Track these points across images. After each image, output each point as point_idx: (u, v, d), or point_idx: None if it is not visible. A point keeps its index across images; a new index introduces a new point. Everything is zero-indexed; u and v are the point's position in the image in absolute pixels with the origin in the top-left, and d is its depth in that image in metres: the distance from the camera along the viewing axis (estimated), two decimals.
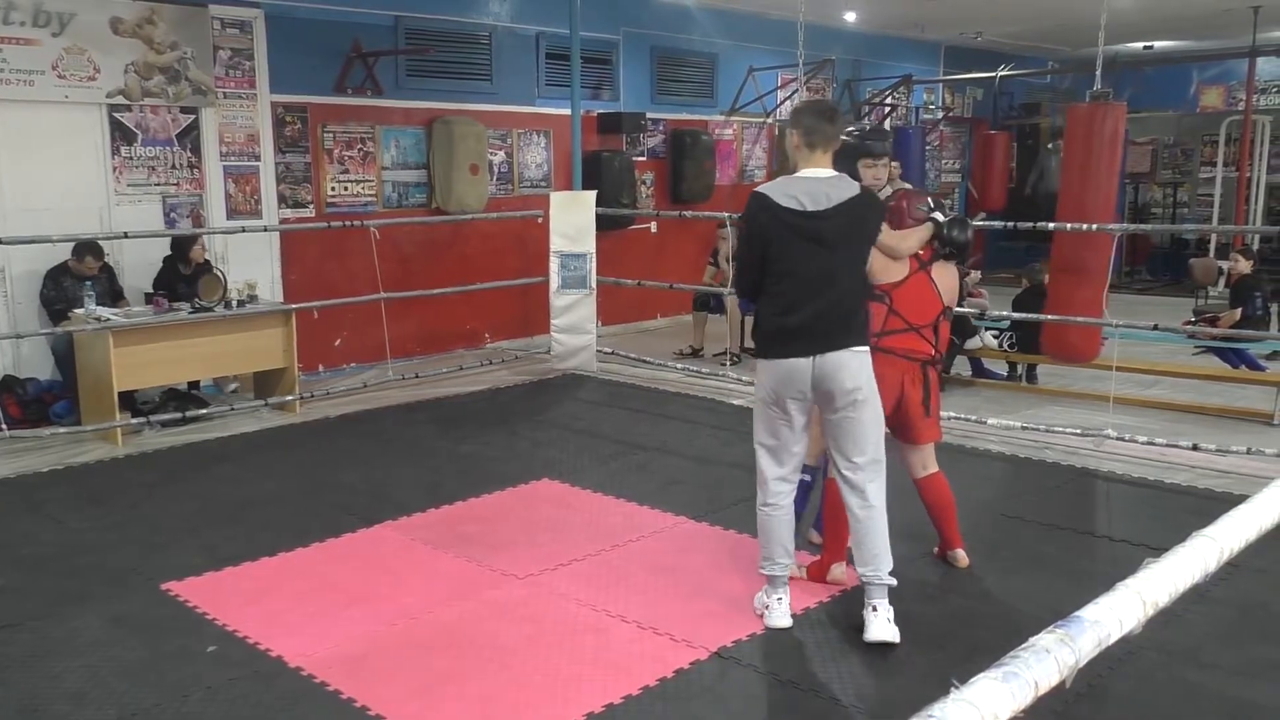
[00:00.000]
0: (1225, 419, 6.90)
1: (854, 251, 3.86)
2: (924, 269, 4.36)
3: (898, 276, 4.30)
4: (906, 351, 4.27)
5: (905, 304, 4.29)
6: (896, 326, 4.26)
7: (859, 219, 3.83)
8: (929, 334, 4.32)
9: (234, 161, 8.02)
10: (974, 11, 11.79)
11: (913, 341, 4.28)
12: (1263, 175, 13.37)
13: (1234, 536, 1.27)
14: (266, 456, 6.38)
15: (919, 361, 4.30)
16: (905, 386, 4.25)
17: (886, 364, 4.14)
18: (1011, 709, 0.89)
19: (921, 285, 4.33)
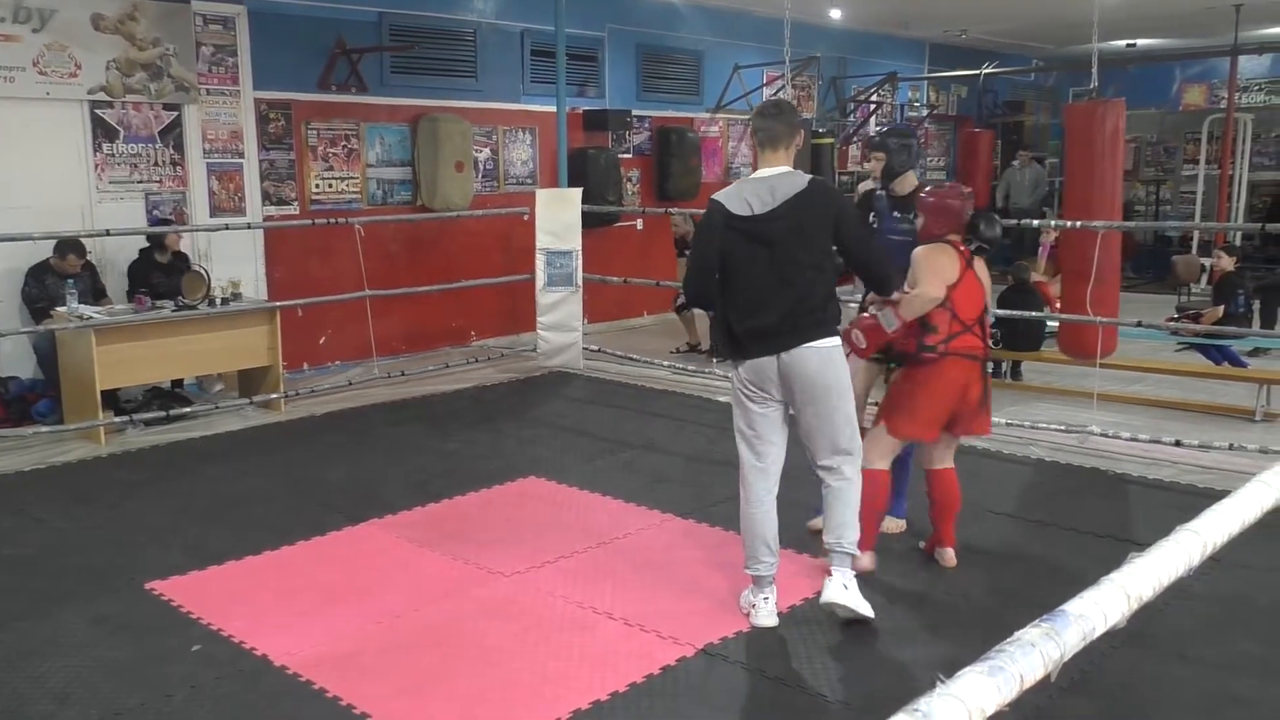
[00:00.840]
0: (1208, 415, 6.95)
1: (808, 245, 3.80)
2: (969, 266, 4.34)
3: (953, 276, 4.26)
4: (969, 351, 4.27)
5: (962, 303, 4.26)
6: (958, 329, 4.24)
7: (807, 211, 3.79)
8: (978, 330, 4.33)
9: (217, 159, 7.98)
10: (959, 9, 11.82)
11: (971, 340, 4.28)
12: (1244, 173, 13.46)
13: (1216, 531, 1.28)
14: (251, 455, 6.35)
15: (979, 360, 4.31)
16: (968, 388, 4.27)
17: (954, 367, 4.22)
18: (997, 702, 0.89)
19: (970, 282, 4.32)
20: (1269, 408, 6.91)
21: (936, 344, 4.21)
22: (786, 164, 3.90)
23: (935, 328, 4.22)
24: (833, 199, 3.94)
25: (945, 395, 4.25)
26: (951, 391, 4.25)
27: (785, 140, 3.89)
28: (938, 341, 4.21)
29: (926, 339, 4.23)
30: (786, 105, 4.10)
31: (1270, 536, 3.98)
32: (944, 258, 4.28)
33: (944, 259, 4.28)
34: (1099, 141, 6.83)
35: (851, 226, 3.92)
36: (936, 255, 4.29)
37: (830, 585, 3.88)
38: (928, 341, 4.23)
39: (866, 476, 4.08)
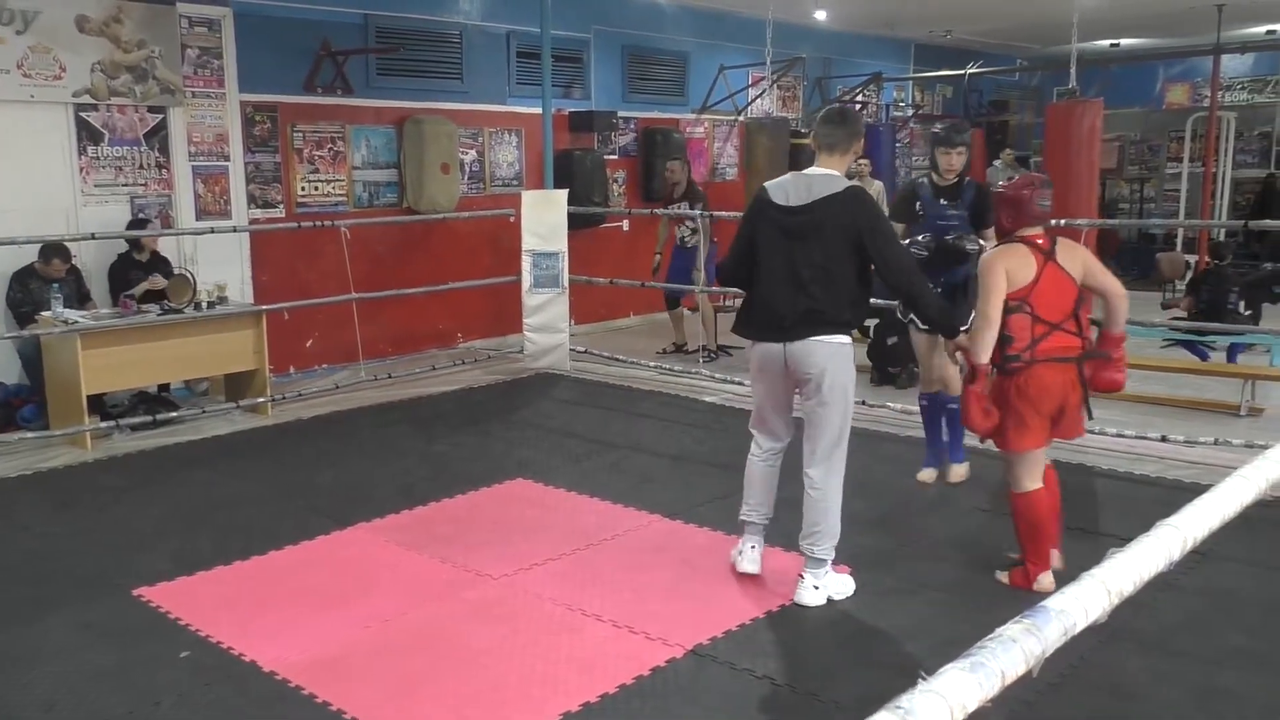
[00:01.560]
0: (1194, 410, 6.99)
1: (825, 245, 3.96)
2: (1050, 259, 4.05)
3: (1029, 277, 4.00)
4: (1061, 353, 4.00)
5: (1044, 303, 4.00)
6: (1042, 332, 3.98)
7: (832, 214, 3.96)
8: (1072, 326, 4.04)
9: (203, 161, 7.95)
10: (943, 10, 11.87)
11: (1064, 340, 4.01)
12: (1228, 170, 13.54)
13: (1197, 525, 1.30)
14: (238, 459, 6.33)
15: (1075, 360, 4.02)
16: (1069, 394, 4.02)
17: (1047, 372, 3.97)
18: (979, 698, 0.90)
19: (1054, 277, 4.03)
20: (1254, 402, 6.95)
21: (1020, 352, 3.97)
22: (837, 169, 4.11)
23: (1012, 337, 3.99)
24: (861, 209, 4.00)
25: (1045, 401, 4.00)
26: (1051, 396, 4.00)
27: (842, 147, 4.11)
28: (1020, 350, 3.97)
29: (1008, 350, 3.99)
30: (851, 114, 4.32)
31: (1255, 530, 4.02)
32: (1011, 261, 4.02)
33: (1011, 263, 4.01)
34: (1076, 140, 6.88)
35: (879, 241, 3.98)
36: (1000, 262, 4.03)
37: (801, 587, 4.12)
38: (1009, 352, 3.99)
39: (1018, 500, 4.12)
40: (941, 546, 4.74)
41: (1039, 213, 4.10)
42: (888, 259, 4.00)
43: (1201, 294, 8.73)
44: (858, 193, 4.07)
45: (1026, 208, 4.09)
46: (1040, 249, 4.05)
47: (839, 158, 4.13)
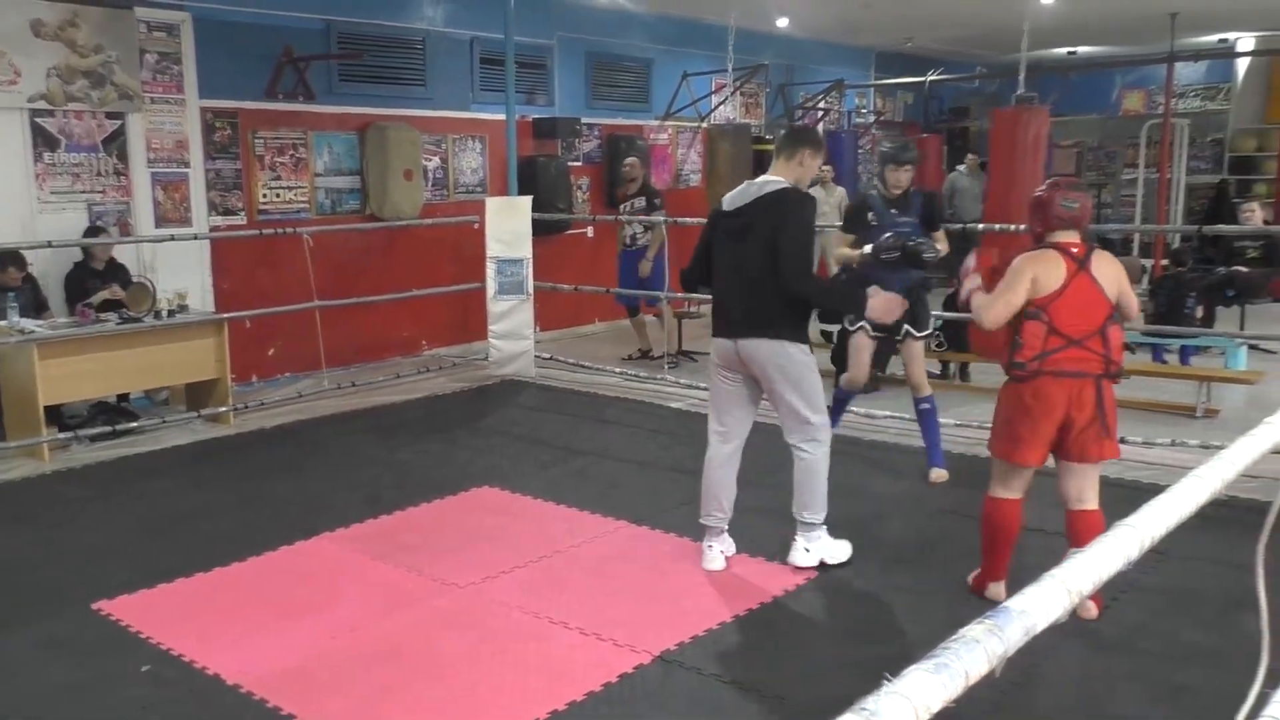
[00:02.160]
0: (1152, 412, 7.09)
1: (759, 246, 4.21)
2: (1082, 269, 3.82)
3: (1054, 285, 3.80)
4: (1074, 369, 3.78)
5: (1066, 316, 3.78)
6: (1056, 345, 3.77)
7: (763, 215, 4.23)
8: (1096, 344, 3.78)
9: (162, 168, 7.87)
10: (904, 18, 11.99)
11: (1080, 355, 3.77)
12: (1182, 176, 13.76)
13: (1154, 525, 1.32)
14: (200, 469, 6.26)
15: (1091, 377, 3.79)
16: (1071, 410, 3.79)
17: (1051, 387, 3.78)
18: (943, 699, 0.91)
19: (1083, 289, 3.80)
20: (1209, 404, 7.07)
21: (1026, 361, 3.80)
22: (783, 174, 4.37)
23: (1022, 343, 3.82)
24: (783, 208, 4.22)
25: (1041, 417, 3.81)
26: (1048, 413, 3.80)
27: (786, 152, 4.41)
28: (1028, 359, 3.80)
29: (1015, 355, 3.84)
30: (808, 130, 4.80)
31: (1214, 529, 4.08)
32: (1039, 267, 3.84)
33: (1040, 268, 3.83)
34: (1022, 146, 6.96)
35: (782, 239, 4.16)
36: (1029, 266, 3.87)
37: (793, 549, 4.47)
38: (1016, 359, 3.83)
39: (985, 503, 4.06)
40: (907, 549, 4.78)
41: (1064, 214, 3.88)
42: (793, 251, 4.17)
43: (1159, 298, 8.86)
44: (784, 194, 4.26)
45: (1050, 210, 3.90)
46: (1074, 257, 3.84)
47: (783, 163, 4.40)
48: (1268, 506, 1.87)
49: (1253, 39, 13.60)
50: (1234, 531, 3.69)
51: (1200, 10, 11.21)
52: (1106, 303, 3.81)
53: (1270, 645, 1.86)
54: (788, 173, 4.39)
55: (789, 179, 4.36)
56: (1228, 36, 13.78)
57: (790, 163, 4.40)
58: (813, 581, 4.38)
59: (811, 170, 4.48)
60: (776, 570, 4.51)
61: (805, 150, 4.41)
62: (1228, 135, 14.42)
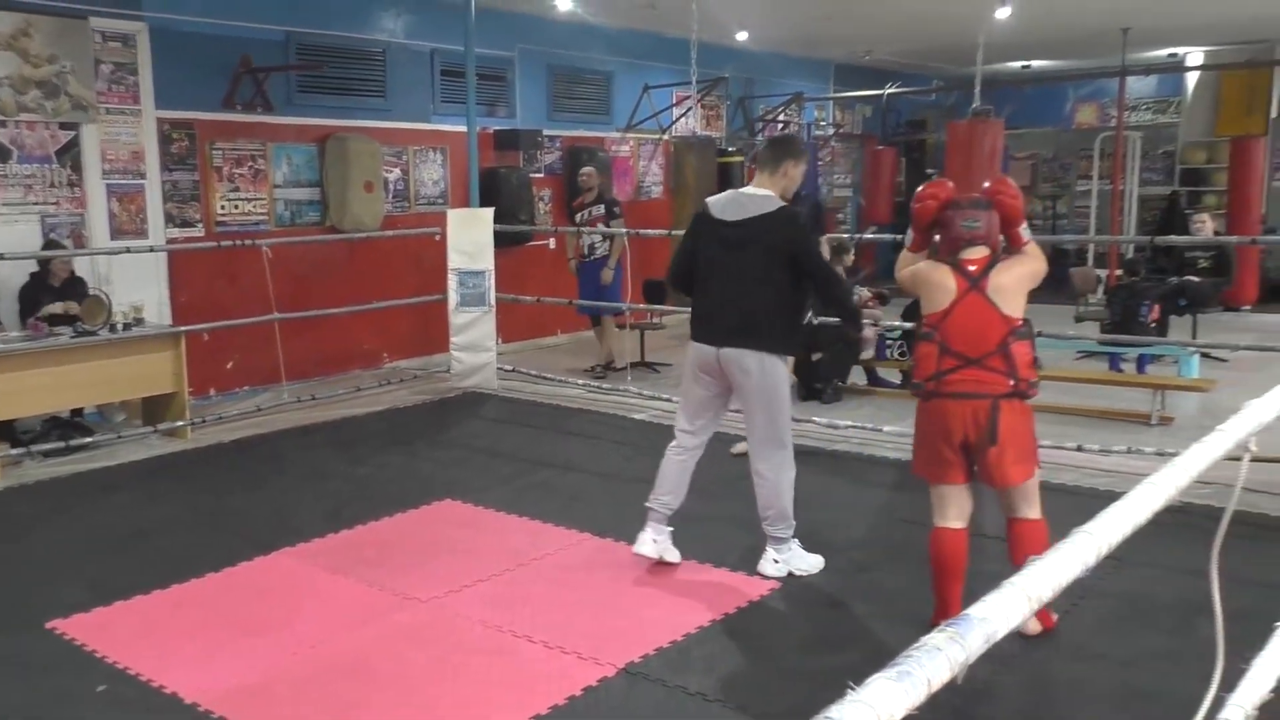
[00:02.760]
0: (1107, 420, 7.19)
1: (757, 260, 4.31)
2: (974, 287, 3.70)
3: (944, 303, 3.72)
4: (968, 390, 3.64)
5: (958, 335, 3.67)
6: (950, 365, 3.66)
7: (765, 231, 4.33)
8: (997, 362, 3.63)
9: (118, 180, 7.76)
10: (862, 31, 12.11)
11: (976, 376, 3.63)
12: (1135, 188, 14.00)
13: (1111, 532, 1.34)
14: (156, 485, 6.17)
15: (989, 398, 3.63)
16: (969, 432, 3.65)
17: (946, 408, 3.67)
18: (906, 706, 0.92)
19: (974, 307, 3.69)
20: (1163, 411, 7.18)
21: (922, 382, 3.73)
22: (769, 188, 4.44)
23: (916, 364, 3.80)
24: (791, 229, 4.36)
25: (940, 438, 3.72)
26: (947, 435, 3.69)
27: (770, 166, 4.47)
28: (923, 379, 3.73)
29: (914, 375, 3.82)
30: (786, 139, 4.88)
31: (1169, 535, 4.13)
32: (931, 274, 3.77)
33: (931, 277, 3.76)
34: (978, 158, 7.05)
35: (814, 260, 4.40)
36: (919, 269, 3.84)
37: (763, 559, 4.53)
38: (914, 379, 3.81)
39: (930, 536, 3.86)
40: (869, 559, 4.81)
41: (965, 234, 3.74)
42: (825, 275, 4.48)
43: (1114, 307, 9.00)
44: (791, 214, 4.41)
45: (951, 231, 3.77)
46: (967, 274, 3.71)
47: (768, 176, 4.47)
48: (1221, 513, 1.90)
49: (1201, 53, 13.87)
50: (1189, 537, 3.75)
51: (1150, 25, 11.43)
52: (1003, 320, 3.65)
53: (1225, 649, 1.89)
54: (774, 185, 4.46)
55: (775, 191, 4.44)
56: (1177, 51, 14.05)
57: (775, 175, 4.47)
58: (776, 591, 4.40)
59: (796, 180, 4.52)
60: (740, 580, 4.52)
61: (788, 161, 4.48)
62: (1178, 148, 14.69)
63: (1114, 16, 10.89)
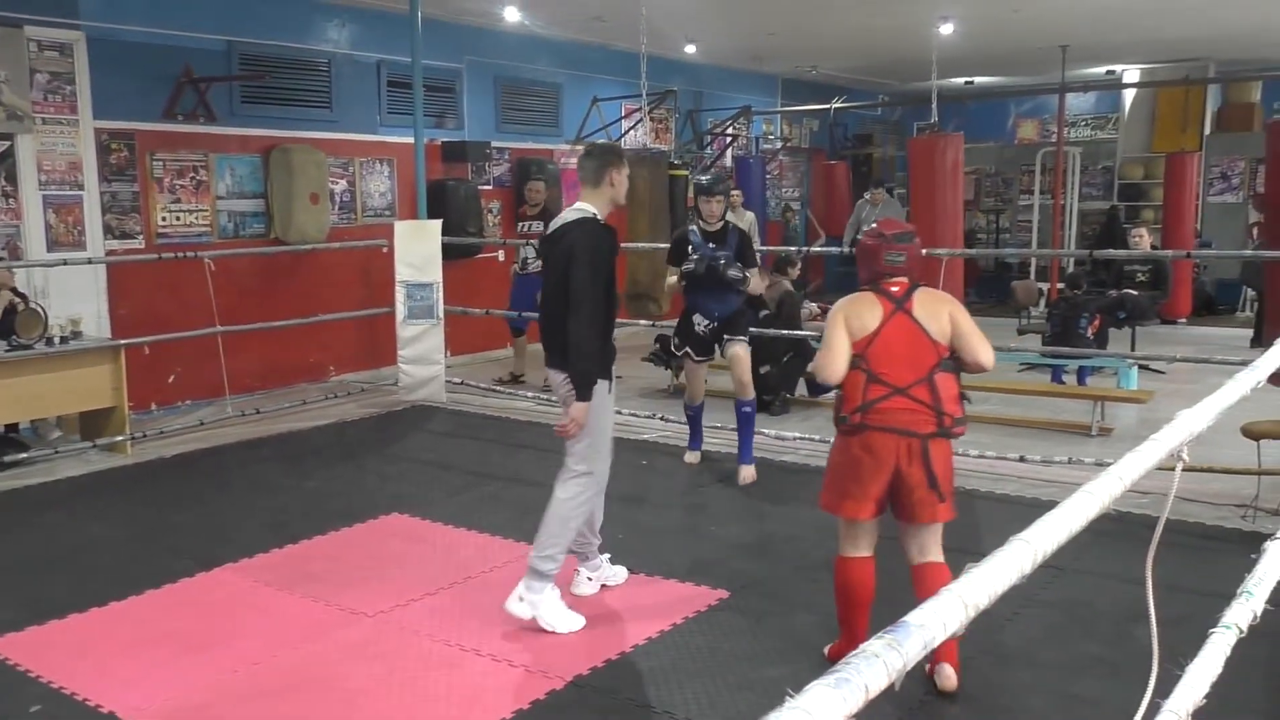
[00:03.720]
0: (1049, 431, 7.32)
1: (553, 275, 4.14)
2: (900, 308, 3.53)
3: (869, 327, 3.51)
4: (901, 426, 3.43)
5: (884, 361, 3.46)
6: (879, 394, 3.45)
7: (557, 244, 4.14)
8: (923, 393, 3.43)
9: (54, 190, 7.61)
10: (807, 46, 12.25)
11: (903, 406, 3.43)
12: (1075, 202, 14.29)
13: (1046, 540, 1.36)
14: (95, 501, 6.05)
15: (919, 437, 3.44)
16: (901, 465, 3.46)
17: (875, 441, 3.46)
18: (844, 713, 0.93)
19: (901, 330, 3.50)
20: (1103, 422, 7.31)
21: (848, 414, 3.50)
22: (592, 202, 4.21)
23: (844, 395, 3.56)
24: (571, 237, 4.08)
25: (868, 474, 3.51)
26: (873, 470, 3.49)
27: (591, 179, 4.22)
28: (849, 411, 3.50)
29: (840, 409, 3.58)
30: (600, 148, 4.35)
31: (1107, 544, 4.22)
32: (851, 308, 3.60)
33: (851, 309, 3.59)
34: (941, 173, 7.15)
35: (573, 269, 4.03)
36: (840, 309, 3.64)
37: (512, 593, 4.20)
38: (841, 412, 3.56)
39: (835, 564, 3.72)
40: (815, 569, 4.83)
41: (888, 268, 3.60)
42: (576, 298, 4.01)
43: (1054, 320, 9.17)
44: (582, 223, 4.12)
45: (875, 264, 3.62)
46: (890, 296, 3.56)
47: (590, 190, 4.22)
48: (1156, 521, 1.94)
49: (1138, 71, 14.21)
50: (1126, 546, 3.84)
51: (1089, 43, 11.69)
52: (932, 345, 3.48)
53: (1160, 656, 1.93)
54: (598, 199, 4.21)
55: (599, 205, 4.19)
56: (1115, 68, 14.37)
57: (600, 189, 4.21)
58: (724, 602, 4.41)
59: (624, 185, 4.25)
60: (689, 591, 4.53)
61: (610, 170, 4.20)
62: (1117, 163, 15.02)
63: (1053, 34, 11.12)
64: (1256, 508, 5.38)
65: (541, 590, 4.13)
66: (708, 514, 5.59)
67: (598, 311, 4.07)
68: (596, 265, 4.07)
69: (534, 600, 4.12)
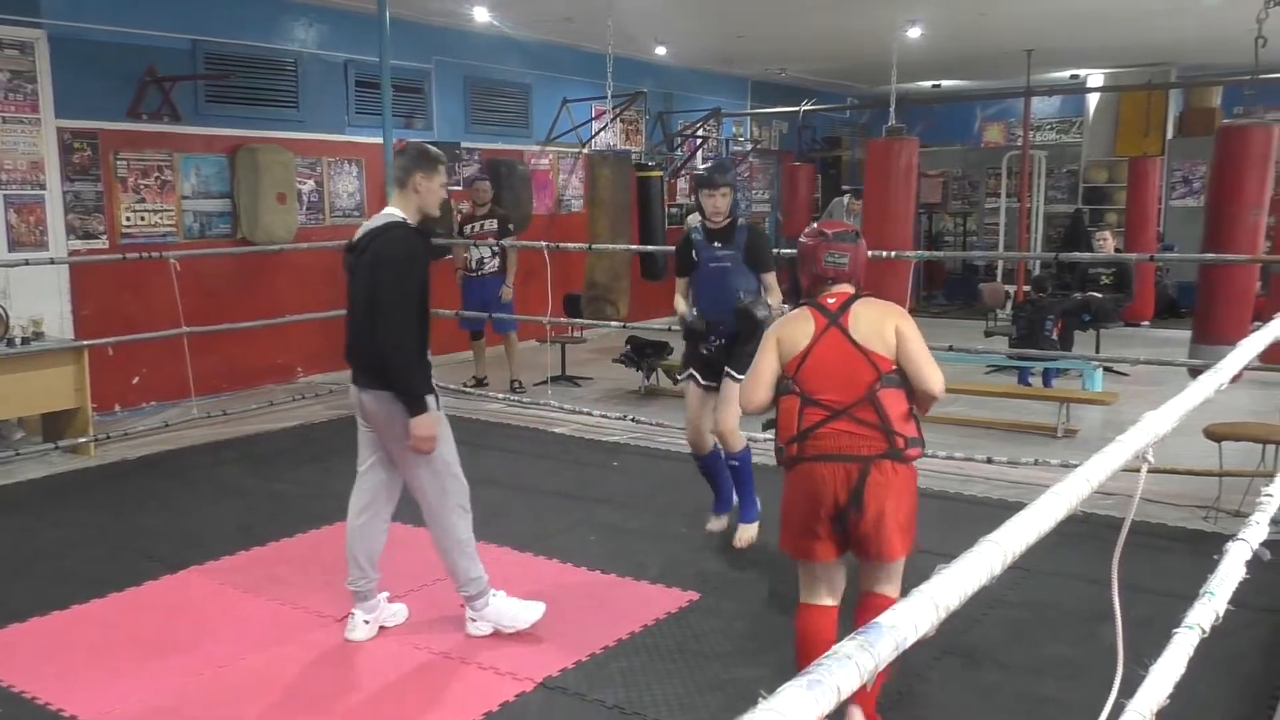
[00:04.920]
0: (1016, 433, 7.38)
1: (361, 287, 3.78)
2: (833, 323, 3.20)
3: (800, 345, 3.20)
4: (839, 452, 3.08)
5: (817, 380, 3.14)
6: (816, 419, 3.11)
7: (364, 254, 3.79)
8: (867, 412, 3.07)
9: (15, 190, 7.50)
10: (775, 49, 12.29)
11: (845, 429, 3.08)
12: (1041, 205, 14.43)
13: (1014, 541, 1.38)
14: (58, 503, 5.97)
15: (860, 460, 3.07)
16: (840, 498, 3.09)
17: (818, 471, 3.09)
18: (817, 714, 0.93)
19: (833, 345, 3.17)
20: (1069, 424, 7.39)
21: (784, 445, 3.20)
22: (399, 207, 3.89)
23: (778, 424, 3.24)
24: (375, 245, 3.76)
25: (807, 509, 3.15)
26: (814, 505, 3.12)
27: (400, 181, 3.89)
28: (785, 441, 3.19)
29: (776, 439, 3.25)
30: (416, 151, 3.93)
31: (1073, 545, 4.26)
32: (785, 328, 3.30)
33: (785, 329, 3.29)
34: (895, 175, 7.20)
35: (381, 280, 3.72)
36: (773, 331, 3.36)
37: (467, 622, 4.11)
38: (777, 443, 3.25)
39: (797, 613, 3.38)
40: (787, 571, 4.84)
41: (829, 270, 3.31)
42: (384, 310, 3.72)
43: (1020, 322, 9.25)
44: (390, 229, 3.81)
45: (814, 265, 3.33)
46: (824, 310, 3.24)
47: (398, 194, 3.91)
48: (1121, 522, 1.96)
49: (1101, 75, 14.37)
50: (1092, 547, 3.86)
51: (1053, 48, 11.82)
52: (866, 361, 3.12)
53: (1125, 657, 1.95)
54: (405, 204, 3.88)
55: (407, 211, 3.87)
56: (1079, 73, 14.53)
57: (405, 191, 3.88)
58: (696, 604, 4.42)
59: (434, 193, 3.88)
60: (659, 592, 4.53)
61: (416, 174, 3.85)
62: (1081, 166, 15.18)
63: (1019, 38, 11.24)
64: (1218, 509, 5.46)
65: (485, 604, 4.07)
66: (678, 515, 5.60)
67: (410, 320, 3.77)
68: (404, 273, 3.75)
69: (485, 614, 4.07)
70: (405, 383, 3.76)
